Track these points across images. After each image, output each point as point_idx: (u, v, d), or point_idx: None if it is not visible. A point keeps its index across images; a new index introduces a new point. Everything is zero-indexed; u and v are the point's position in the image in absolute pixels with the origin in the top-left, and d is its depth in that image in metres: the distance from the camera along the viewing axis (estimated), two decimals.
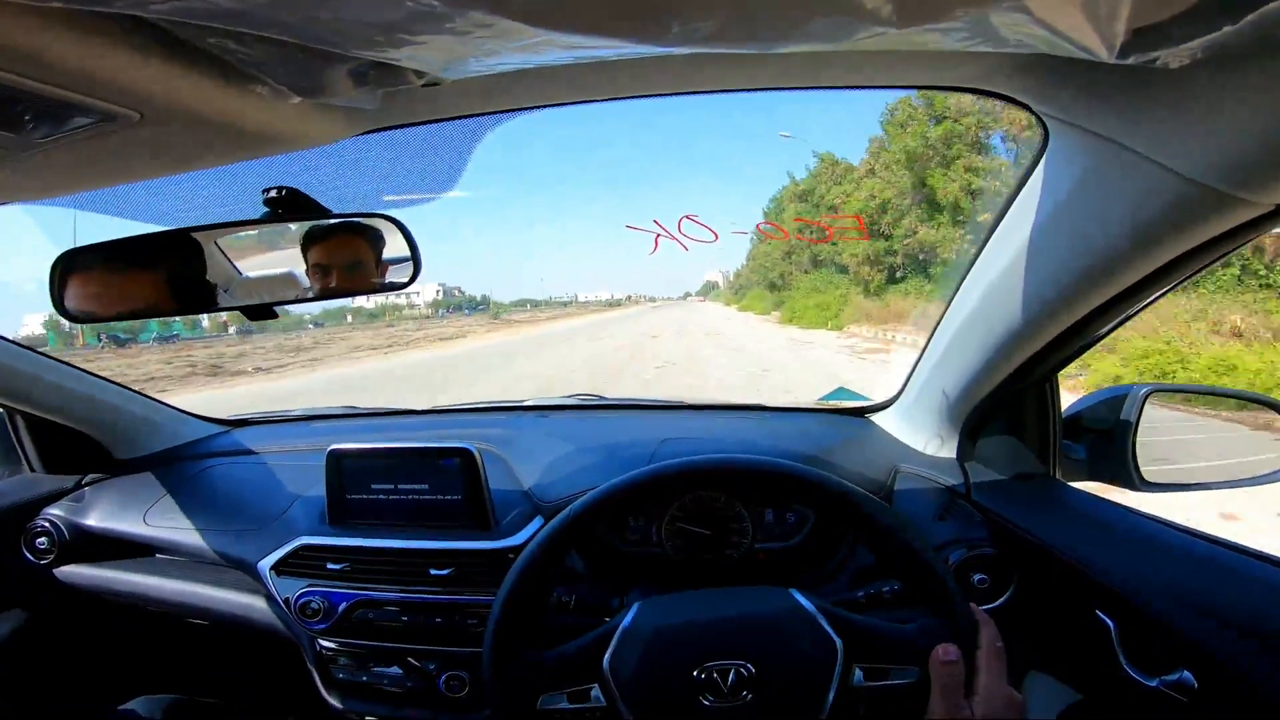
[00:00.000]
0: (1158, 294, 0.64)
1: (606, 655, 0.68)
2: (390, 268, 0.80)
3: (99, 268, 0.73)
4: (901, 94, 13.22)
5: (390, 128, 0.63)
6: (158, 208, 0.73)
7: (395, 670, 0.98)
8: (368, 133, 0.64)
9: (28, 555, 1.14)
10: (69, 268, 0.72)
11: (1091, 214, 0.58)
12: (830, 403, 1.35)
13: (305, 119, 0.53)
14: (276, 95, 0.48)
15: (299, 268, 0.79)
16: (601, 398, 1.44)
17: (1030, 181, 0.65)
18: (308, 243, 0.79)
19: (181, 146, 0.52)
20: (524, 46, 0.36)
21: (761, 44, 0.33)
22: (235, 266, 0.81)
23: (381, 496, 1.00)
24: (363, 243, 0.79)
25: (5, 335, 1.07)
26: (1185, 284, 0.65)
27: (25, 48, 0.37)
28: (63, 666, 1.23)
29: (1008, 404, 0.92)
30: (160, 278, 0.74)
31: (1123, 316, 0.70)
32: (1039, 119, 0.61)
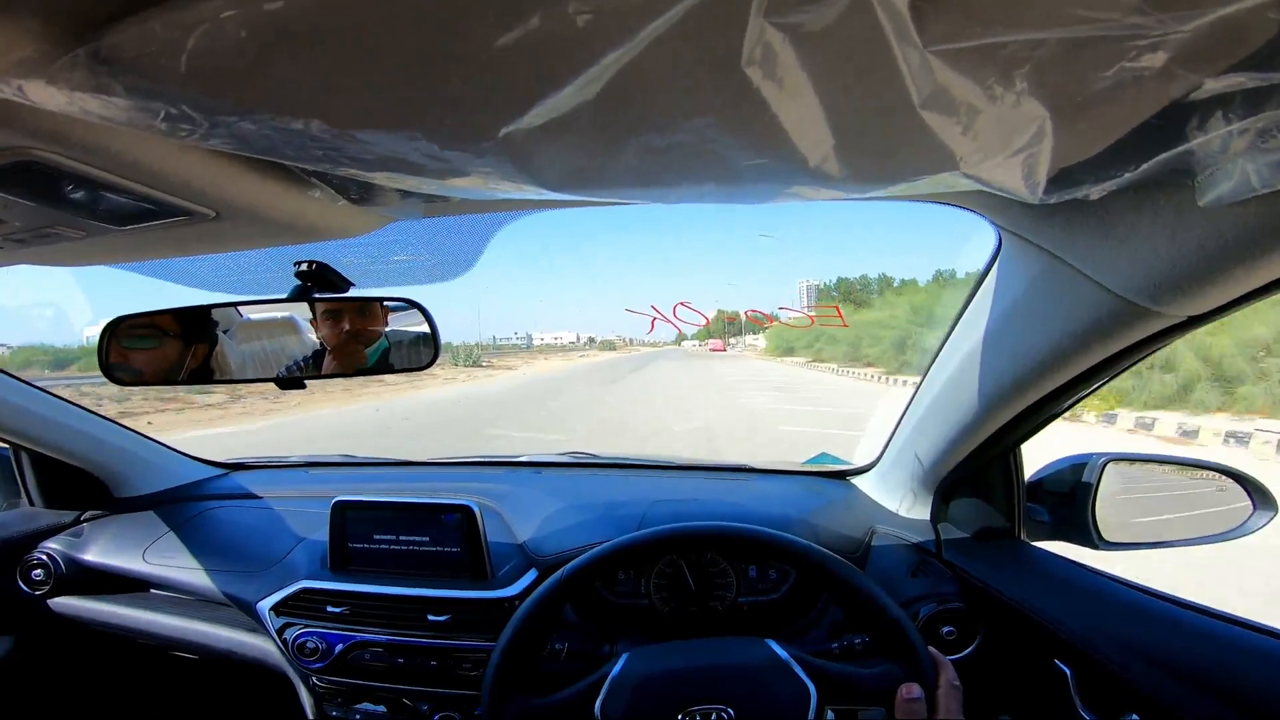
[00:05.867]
0: (1100, 384, 0.72)
1: (598, 702, 0.72)
2: (392, 314, 0.84)
3: (144, 335, 0.77)
4: None
5: (423, 216, 0.70)
6: (202, 273, 0.78)
7: (387, 710, 1.00)
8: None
9: (22, 586, 1.17)
10: (117, 333, 0.77)
11: (1035, 316, 0.66)
12: (814, 466, 1.41)
13: (352, 214, 0.60)
14: (330, 198, 0.56)
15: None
16: (595, 456, 1.49)
17: (986, 281, 0.73)
18: None
19: (245, 236, 0.59)
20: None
21: (749, 202, 0.41)
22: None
23: (383, 546, 1.03)
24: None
25: (11, 373, 1.11)
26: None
27: (129, 155, 0.44)
28: (54, 695, 1.23)
29: (977, 471, 0.98)
30: (198, 348, 0.78)
31: (1075, 398, 0.78)
32: (993, 226, 0.70)
